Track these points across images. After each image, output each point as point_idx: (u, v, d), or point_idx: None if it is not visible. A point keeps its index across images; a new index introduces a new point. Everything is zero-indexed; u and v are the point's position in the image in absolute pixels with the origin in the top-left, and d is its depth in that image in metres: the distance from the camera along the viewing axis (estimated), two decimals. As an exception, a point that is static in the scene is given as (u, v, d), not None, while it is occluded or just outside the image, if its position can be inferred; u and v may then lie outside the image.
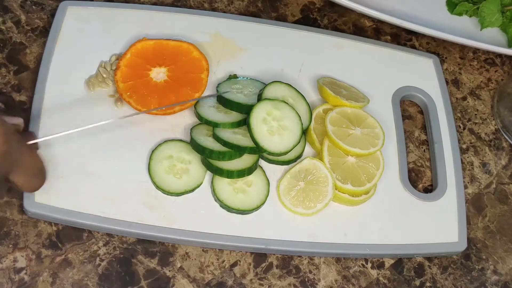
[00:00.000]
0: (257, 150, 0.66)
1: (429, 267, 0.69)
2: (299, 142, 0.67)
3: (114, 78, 0.69)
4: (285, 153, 0.67)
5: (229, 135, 0.66)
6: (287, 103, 0.68)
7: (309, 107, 0.71)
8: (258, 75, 0.74)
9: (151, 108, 0.67)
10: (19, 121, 0.59)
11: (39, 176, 0.60)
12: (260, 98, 0.69)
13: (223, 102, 0.69)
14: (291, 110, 0.68)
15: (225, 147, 0.65)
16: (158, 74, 0.69)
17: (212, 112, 0.69)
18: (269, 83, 0.70)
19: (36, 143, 0.61)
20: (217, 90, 0.70)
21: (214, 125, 0.67)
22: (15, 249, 0.62)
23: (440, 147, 0.76)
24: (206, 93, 0.70)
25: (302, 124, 0.68)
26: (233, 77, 0.73)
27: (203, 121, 0.68)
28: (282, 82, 0.71)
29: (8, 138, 0.53)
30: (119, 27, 0.74)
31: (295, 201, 0.67)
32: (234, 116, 0.68)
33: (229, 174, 0.65)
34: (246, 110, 0.68)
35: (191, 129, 0.68)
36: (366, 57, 0.80)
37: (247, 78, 0.73)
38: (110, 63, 0.71)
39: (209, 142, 0.66)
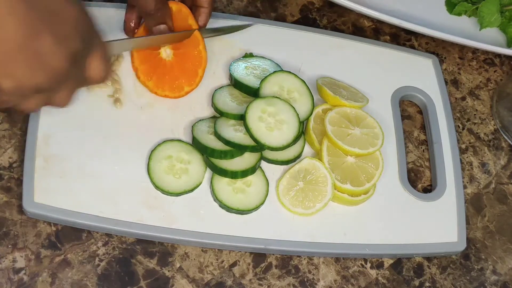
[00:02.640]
0: (259, 147, 0.66)
1: (429, 267, 0.69)
2: (299, 133, 0.68)
3: (132, 65, 0.70)
4: (288, 145, 0.67)
5: (230, 133, 0.66)
6: (279, 98, 0.68)
7: (310, 92, 0.72)
8: (257, 75, 0.75)
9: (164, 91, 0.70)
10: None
11: (109, 65, 0.57)
12: (259, 92, 0.70)
13: (233, 81, 0.71)
14: (285, 104, 0.68)
15: (227, 145, 0.66)
16: (165, 51, 0.70)
17: (228, 102, 0.70)
18: (270, 73, 0.71)
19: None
20: (230, 69, 0.72)
21: (226, 115, 0.69)
22: (14, 249, 0.62)
23: (440, 147, 0.76)
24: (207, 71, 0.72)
25: (298, 115, 0.68)
26: (248, 55, 0.74)
27: (218, 111, 0.70)
28: (284, 71, 0.72)
29: (92, 16, 0.52)
30: (118, 27, 0.74)
31: (294, 201, 0.67)
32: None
33: (233, 175, 0.65)
34: (253, 92, 0.70)
35: (192, 126, 0.68)
36: (366, 57, 0.80)
37: (263, 57, 0.75)
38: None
39: (210, 141, 0.66)
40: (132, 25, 0.71)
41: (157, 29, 0.68)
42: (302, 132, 0.70)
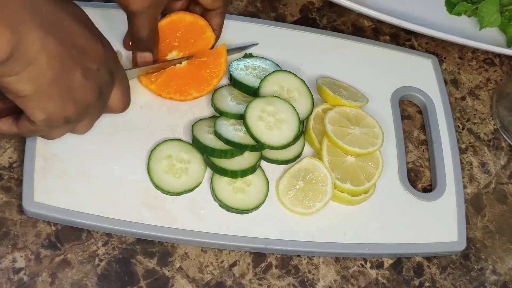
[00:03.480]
0: (259, 147, 0.66)
1: (428, 267, 0.69)
2: (299, 132, 0.68)
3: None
4: (288, 144, 0.67)
5: (230, 132, 0.66)
6: (278, 97, 0.68)
7: (310, 91, 0.72)
8: (257, 75, 0.75)
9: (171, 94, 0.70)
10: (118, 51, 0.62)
11: (129, 95, 0.60)
12: (259, 91, 0.70)
13: (233, 81, 0.71)
14: (284, 103, 0.68)
15: (227, 145, 0.66)
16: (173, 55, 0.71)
17: (228, 102, 0.70)
18: (270, 73, 0.71)
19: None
20: (230, 69, 0.72)
21: (226, 115, 0.69)
22: (14, 249, 0.62)
23: (439, 147, 0.76)
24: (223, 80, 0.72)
25: (298, 114, 0.68)
26: (248, 55, 0.74)
27: (217, 111, 0.70)
28: (283, 70, 0.72)
29: (112, 48, 0.56)
30: (118, 27, 0.74)
31: (294, 201, 0.67)
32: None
33: (234, 174, 0.65)
34: (253, 92, 0.70)
35: (192, 126, 0.68)
36: (365, 57, 0.80)
37: (262, 57, 0.75)
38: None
39: (210, 140, 0.66)
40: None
41: (142, 57, 0.68)
42: (302, 132, 0.70)
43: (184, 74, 0.70)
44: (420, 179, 0.75)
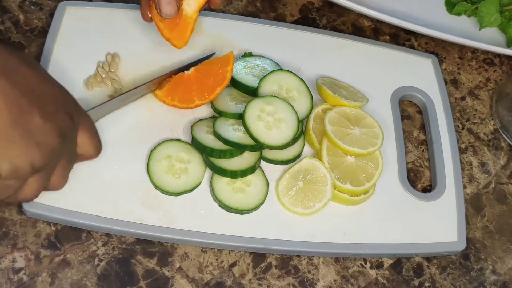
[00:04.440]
0: (258, 146, 0.66)
1: (428, 267, 0.69)
2: (298, 131, 0.68)
3: None
4: (287, 144, 0.67)
5: (229, 132, 0.66)
6: (277, 97, 0.68)
7: (309, 91, 0.72)
8: (257, 75, 0.75)
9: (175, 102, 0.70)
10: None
11: (99, 139, 0.60)
12: (258, 91, 0.70)
13: (232, 81, 0.71)
14: (283, 103, 0.68)
15: (226, 145, 0.66)
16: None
17: (227, 102, 0.70)
18: (269, 72, 0.71)
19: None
20: None
21: (225, 115, 0.69)
22: (14, 249, 0.62)
23: (439, 147, 0.76)
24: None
25: (297, 113, 0.68)
26: (248, 54, 0.74)
27: (217, 111, 0.70)
28: (282, 70, 0.72)
29: (73, 99, 0.56)
30: (118, 27, 0.74)
31: (294, 201, 0.67)
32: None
33: (233, 174, 0.65)
34: (252, 92, 0.70)
35: (192, 126, 0.68)
36: (365, 57, 0.80)
37: (261, 56, 0.74)
38: (108, 63, 0.71)
39: (210, 140, 0.66)
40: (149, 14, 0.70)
41: (166, 12, 0.66)
42: (301, 131, 0.70)
43: (190, 81, 0.70)
44: (420, 179, 0.75)
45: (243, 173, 0.66)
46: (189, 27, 0.69)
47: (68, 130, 0.54)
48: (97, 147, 0.60)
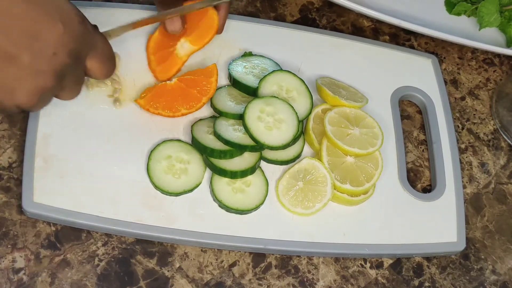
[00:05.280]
0: (259, 147, 0.66)
1: (428, 267, 0.70)
2: (299, 132, 0.68)
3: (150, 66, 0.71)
4: (287, 144, 0.67)
5: (230, 133, 0.66)
6: (277, 97, 0.68)
7: (309, 91, 0.72)
8: (256, 75, 0.75)
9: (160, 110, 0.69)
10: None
11: (112, 61, 0.58)
12: (258, 91, 0.70)
13: (232, 81, 0.71)
14: (283, 103, 0.68)
15: (226, 145, 0.66)
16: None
17: (227, 102, 0.70)
18: (269, 72, 0.71)
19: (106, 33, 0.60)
20: (229, 68, 0.72)
21: (225, 115, 0.69)
22: (14, 249, 0.62)
23: (439, 147, 0.76)
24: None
25: (297, 113, 0.68)
26: (248, 54, 0.74)
27: (217, 111, 0.70)
28: (282, 70, 0.72)
29: (84, 19, 0.54)
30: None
31: (294, 201, 0.67)
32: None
33: (233, 175, 0.65)
34: (252, 92, 0.70)
35: (192, 126, 0.68)
36: (365, 57, 0.80)
37: (262, 56, 0.74)
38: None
39: (210, 141, 0.66)
40: None
41: (172, 28, 0.68)
42: (301, 132, 0.70)
43: (173, 91, 0.69)
44: (420, 179, 0.75)
45: (243, 173, 0.66)
46: (176, 66, 0.71)
47: (67, 69, 0.52)
48: (106, 73, 0.58)
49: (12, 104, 0.50)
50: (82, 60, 0.54)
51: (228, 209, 0.65)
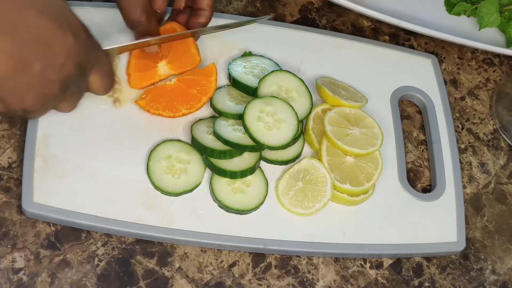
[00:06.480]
0: (258, 147, 0.66)
1: (428, 267, 0.70)
2: (298, 132, 0.68)
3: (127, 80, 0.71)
4: (287, 144, 0.67)
5: (229, 133, 0.66)
6: (277, 97, 0.68)
7: (309, 91, 0.72)
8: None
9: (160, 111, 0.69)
10: None
11: (112, 77, 0.60)
12: (257, 91, 0.70)
13: (232, 80, 0.71)
14: (283, 103, 0.68)
15: (226, 145, 0.66)
16: (169, 79, 0.71)
17: (226, 102, 0.70)
18: (269, 72, 0.71)
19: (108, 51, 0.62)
20: (229, 68, 0.72)
21: (225, 115, 0.69)
22: (14, 249, 0.62)
23: (439, 147, 0.76)
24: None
25: (296, 113, 0.68)
26: (248, 54, 0.74)
27: (216, 111, 0.70)
28: (282, 70, 0.72)
29: (91, 34, 0.55)
30: (118, 27, 0.74)
31: (293, 201, 0.67)
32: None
33: (233, 175, 0.65)
34: (252, 92, 0.70)
35: (192, 126, 0.68)
36: (365, 57, 0.80)
37: (262, 56, 0.74)
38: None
39: (210, 141, 0.66)
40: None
41: (149, 49, 0.68)
42: (301, 132, 0.70)
43: (173, 91, 0.69)
44: (420, 179, 0.75)
45: (243, 173, 0.66)
46: (151, 81, 0.71)
47: (73, 80, 0.53)
48: (107, 88, 0.59)
49: (19, 108, 0.52)
50: (87, 73, 0.56)
51: (228, 209, 0.65)
